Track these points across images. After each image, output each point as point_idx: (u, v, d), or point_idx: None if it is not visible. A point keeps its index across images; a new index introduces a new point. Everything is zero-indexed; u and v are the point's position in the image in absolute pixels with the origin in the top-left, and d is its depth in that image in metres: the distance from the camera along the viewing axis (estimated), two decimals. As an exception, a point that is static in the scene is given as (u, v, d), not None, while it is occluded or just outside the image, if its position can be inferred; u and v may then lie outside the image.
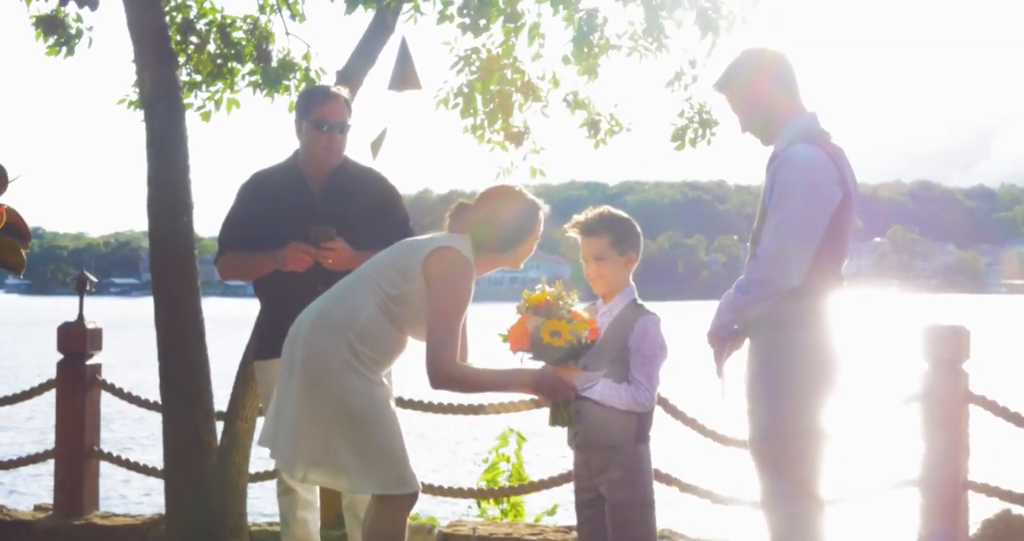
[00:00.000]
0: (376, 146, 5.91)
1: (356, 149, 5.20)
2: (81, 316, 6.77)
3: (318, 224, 4.84)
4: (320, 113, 4.96)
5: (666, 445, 5.39)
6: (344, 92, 5.15)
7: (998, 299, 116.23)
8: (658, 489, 6.27)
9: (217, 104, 7.24)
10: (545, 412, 4.41)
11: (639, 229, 4.59)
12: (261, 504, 10.12)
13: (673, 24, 6.73)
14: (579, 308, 4.24)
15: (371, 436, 4.13)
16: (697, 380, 6.56)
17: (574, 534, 5.93)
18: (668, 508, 7.42)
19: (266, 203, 5.01)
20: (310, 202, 5.00)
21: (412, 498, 4.23)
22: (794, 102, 4.29)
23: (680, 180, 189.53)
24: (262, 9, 7.31)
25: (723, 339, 4.30)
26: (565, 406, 4.25)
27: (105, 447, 6.95)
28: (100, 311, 7.78)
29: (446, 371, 4.09)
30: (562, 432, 4.50)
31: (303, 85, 7.07)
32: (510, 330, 4.22)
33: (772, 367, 4.16)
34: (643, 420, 4.42)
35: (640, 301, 4.52)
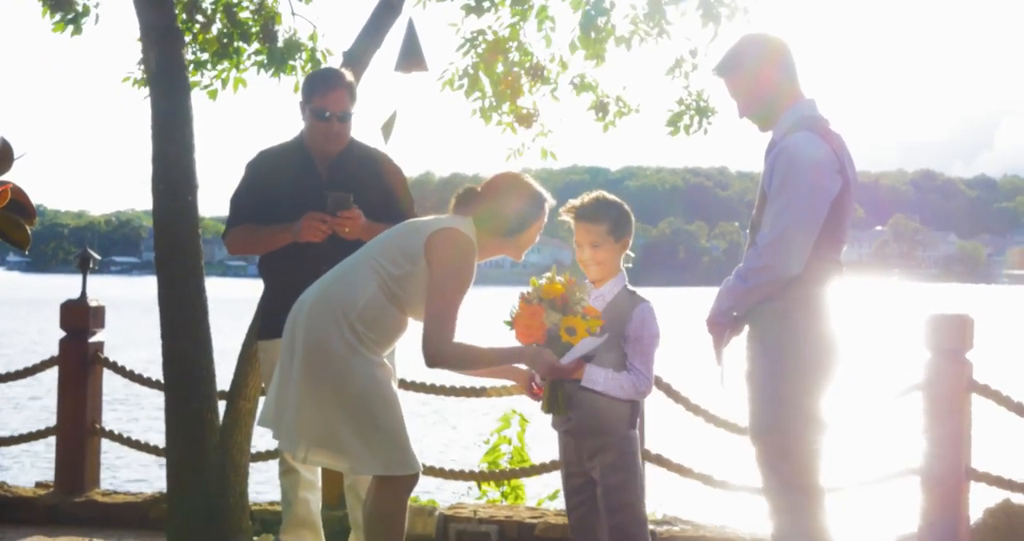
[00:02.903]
0: (387, 129, 5.89)
1: (364, 131, 5.18)
2: (84, 294, 6.76)
3: (335, 190, 4.81)
4: (321, 102, 4.94)
5: (668, 430, 5.40)
6: (349, 77, 5.12)
7: (1000, 289, 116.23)
8: (659, 474, 6.30)
9: (224, 83, 7.22)
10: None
11: (631, 213, 4.59)
12: (263, 483, 10.14)
13: (675, 11, 6.72)
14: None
15: (373, 417, 4.13)
16: (697, 366, 6.56)
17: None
18: (669, 493, 7.44)
19: (273, 182, 5.00)
20: (317, 184, 4.98)
21: (413, 479, 4.24)
22: (794, 89, 4.28)
23: (682, 166, 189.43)
24: (268, -11, 7.29)
25: (722, 326, 4.29)
26: (558, 390, 4.26)
27: (106, 425, 6.96)
28: (101, 289, 7.79)
29: (443, 351, 4.11)
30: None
31: (309, 66, 7.05)
32: (518, 320, 4.21)
33: (772, 356, 4.15)
34: (635, 406, 4.43)
35: (631, 287, 4.52)
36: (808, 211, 4.06)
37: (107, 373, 6.90)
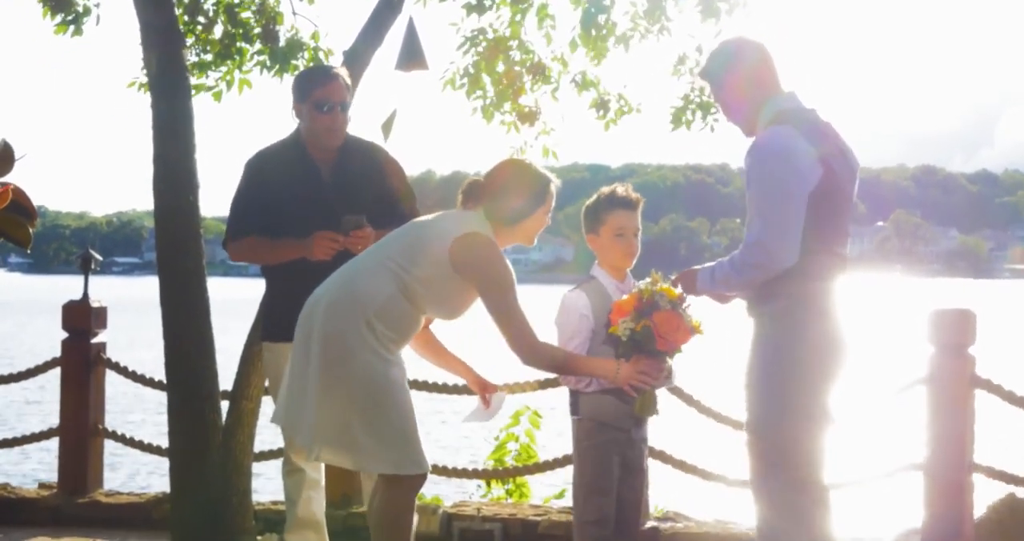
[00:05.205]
0: (387, 127, 5.90)
1: (365, 130, 5.19)
2: (86, 294, 6.76)
3: (348, 214, 4.83)
4: (321, 94, 4.95)
5: (671, 427, 5.39)
6: (341, 71, 5.15)
7: (1002, 284, 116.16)
8: (662, 470, 6.30)
9: (229, 85, 7.23)
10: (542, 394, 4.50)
11: None
12: (266, 483, 10.14)
13: (674, 7, 6.73)
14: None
15: (386, 416, 4.15)
16: (699, 363, 6.56)
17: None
18: (672, 490, 7.43)
19: (274, 183, 5.00)
20: (319, 185, 4.99)
21: (421, 479, 4.27)
22: (767, 89, 4.21)
23: (683, 163, 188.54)
24: (269, -11, 7.29)
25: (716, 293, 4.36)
26: (652, 393, 4.35)
27: (109, 426, 6.96)
28: (103, 290, 7.80)
29: (535, 351, 4.19)
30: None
31: (311, 65, 7.05)
32: (663, 333, 4.23)
33: (773, 351, 4.12)
34: None
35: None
36: (783, 203, 4.01)
37: (109, 374, 6.90)
